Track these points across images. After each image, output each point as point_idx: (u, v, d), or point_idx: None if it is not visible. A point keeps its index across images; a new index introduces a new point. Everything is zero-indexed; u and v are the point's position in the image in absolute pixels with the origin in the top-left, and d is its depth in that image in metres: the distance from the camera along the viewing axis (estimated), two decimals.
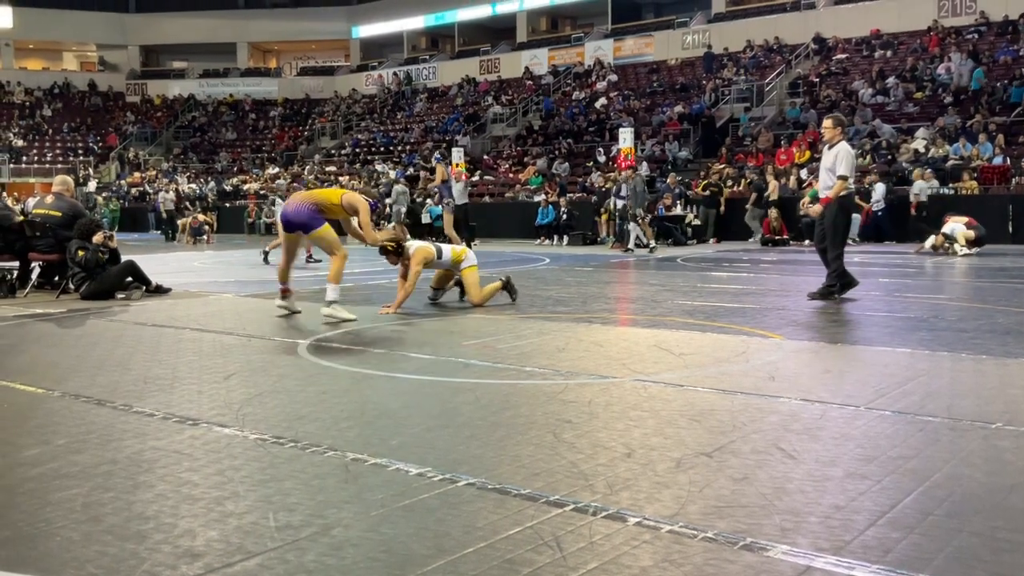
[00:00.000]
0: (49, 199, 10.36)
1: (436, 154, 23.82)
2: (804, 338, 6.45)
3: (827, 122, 8.99)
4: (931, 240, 15.61)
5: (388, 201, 21.19)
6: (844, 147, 8.80)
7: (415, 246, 8.40)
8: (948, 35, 26.69)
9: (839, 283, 8.67)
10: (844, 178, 8.62)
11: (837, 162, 8.64)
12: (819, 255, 9.02)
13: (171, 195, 27.82)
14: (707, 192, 21.00)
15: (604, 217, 20.60)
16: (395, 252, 8.18)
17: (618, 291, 10.54)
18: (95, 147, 41.82)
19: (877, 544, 2.58)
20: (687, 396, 4.53)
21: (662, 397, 4.52)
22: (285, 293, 7.96)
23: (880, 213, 19.09)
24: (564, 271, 13.16)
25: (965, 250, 15.00)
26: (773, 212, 19.48)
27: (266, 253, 14.94)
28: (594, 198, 21.56)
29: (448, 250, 8.64)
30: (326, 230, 7.59)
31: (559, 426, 3.93)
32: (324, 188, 8.35)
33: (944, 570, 2.40)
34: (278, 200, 26.17)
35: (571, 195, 23.26)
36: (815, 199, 9.43)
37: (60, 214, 10.04)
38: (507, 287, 8.62)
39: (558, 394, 4.62)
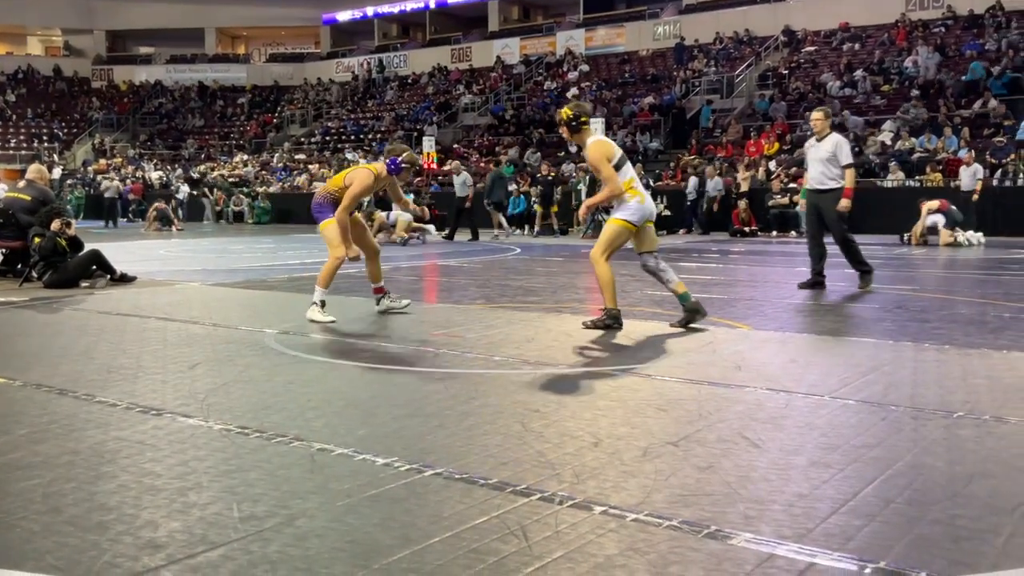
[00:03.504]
0: (22, 184, 10.71)
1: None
2: (770, 328, 6.50)
3: (817, 114, 8.95)
4: (916, 231, 15.83)
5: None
6: (839, 137, 8.95)
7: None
8: (915, 28, 26.96)
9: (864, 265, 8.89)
10: (851, 166, 8.82)
11: (839, 152, 8.73)
12: (842, 250, 8.97)
13: (115, 183, 27.81)
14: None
15: (554, 209, 21.32)
16: (569, 126, 6.53)
17: (588, 281, 10.55)
18: (60, 133, 41.16)
19: (839, 532, 2.60)
20: (654, 386, 4.55)
21: (630, 387, 4.54)
22: (378, 292, 7.44)
23: (689, 203, 20.64)
24: (534, 261, 13.16)
25: (973, 239, 15.34)
26: (742, 203, 19.61)
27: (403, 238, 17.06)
28: (540, 188, 21.71)
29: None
30: (326, 226, 7.06)
31: (527, 416, 3.94)
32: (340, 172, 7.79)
33: (904, 557, 2.43)
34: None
35: (541, 187, 23.21)
36: (808, 195, 9.60)
37: (29, 198, 10.21)
38: (694, 309, 6.47)
39: (527, 384, 4.62)
